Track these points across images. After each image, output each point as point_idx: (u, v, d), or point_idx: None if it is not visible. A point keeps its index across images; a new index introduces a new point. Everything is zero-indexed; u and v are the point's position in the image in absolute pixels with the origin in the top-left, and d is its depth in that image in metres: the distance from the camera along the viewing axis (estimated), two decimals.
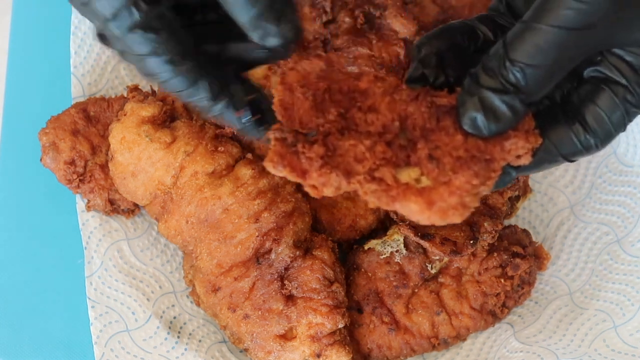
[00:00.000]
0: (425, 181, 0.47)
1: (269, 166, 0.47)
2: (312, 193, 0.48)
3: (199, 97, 0.49)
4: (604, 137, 0.49)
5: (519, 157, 0.49)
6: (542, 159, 0.50)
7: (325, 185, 0.47)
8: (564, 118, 0.50)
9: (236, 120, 0.51)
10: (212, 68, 0.49)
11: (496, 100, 0.46)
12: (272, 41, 0.48)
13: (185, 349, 0.71)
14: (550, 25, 0.44)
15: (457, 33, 0.52)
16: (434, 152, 0.48)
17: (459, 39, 0.51)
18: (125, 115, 0.67)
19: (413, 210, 0.47)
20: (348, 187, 0.47)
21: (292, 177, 0.47)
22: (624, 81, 0.48)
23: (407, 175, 0.48)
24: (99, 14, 0.46)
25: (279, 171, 0.47)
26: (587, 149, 0.50)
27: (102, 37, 0.49)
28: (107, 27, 0.46)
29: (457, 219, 0.47)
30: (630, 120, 0.49)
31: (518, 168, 0.50)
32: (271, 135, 0.48)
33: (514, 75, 0.45)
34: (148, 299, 0.72)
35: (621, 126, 0.49)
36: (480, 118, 0.47)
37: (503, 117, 0.47)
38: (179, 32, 0.47)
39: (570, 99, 0.51)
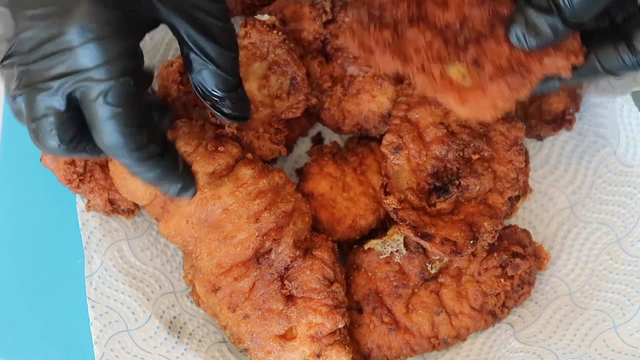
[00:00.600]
0: (467, 80, 0.53)
1: (345, 36, 0.55)
2: (375, 70, 0.61)
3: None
4: None
5: (558, 71, 0.53)
6: (586, 71, 0.55)
7: (384, 66, 0.54)
8: (612, 37, 0.54)
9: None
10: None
11: (539, 19, 0.51)
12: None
13: (185, 349, 0.71)
14: None
15: None
16: (480, 57, 0.54)
17: None
18: None
19: (450, 103, 0.53)
20: (403, 71, 0.54)
21: (360, 53, 0.55)
22: None
23: (455, 70, 0.54)
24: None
25: (351, 45, 0.55)
26: (631, 67, 0.53)
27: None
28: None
29: (487, 118, 0.54)
30: None
31: (561, 78, 0.55)
32: (353, 13, 0.55)
33: None
34: (148, 299, 0.72)
35: None
36: (523, 32, 0.52)
37: (543, 34, 0.52)
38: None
39: (620, 25, 0.54)
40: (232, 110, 0.58)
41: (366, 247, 0.72)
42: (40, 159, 0.73)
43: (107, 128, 0.49)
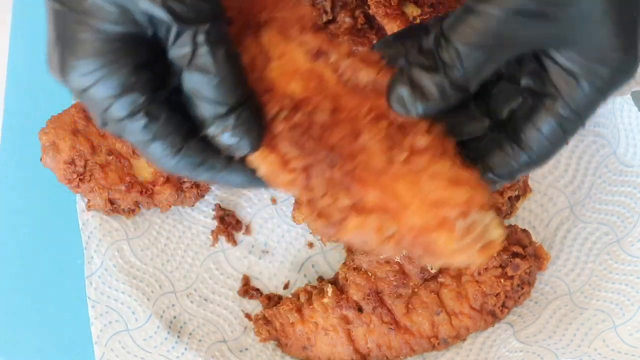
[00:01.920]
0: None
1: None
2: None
3: (204, 177, 0.47)
4: (542, 156, 0.47)
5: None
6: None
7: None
8: (498, 139, 0.48)
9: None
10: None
11: (425, 78, 0.45)
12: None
13: (185, 349, 0.71)
14: (491, 7, 0.43)
15: (414, 33, 0.50)
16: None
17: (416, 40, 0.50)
18: None
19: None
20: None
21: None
22: (557, 94, 0.46)
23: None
24: (99, 99, 0.44)
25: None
26: (525, 166, 0.48)
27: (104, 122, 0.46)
28: (107, 112, 0.44)
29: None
30: (570, 135, 0.47)
31: None
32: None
33: (448, 54, 0.44)
34: (148, 299, 0.72)
35: (560, 142, 0.47)
36: (407, 95, 0.45)
37: (430, 96, 0.45)
38: (177, 113, 0.45)
39: (515, 115, 0.49)
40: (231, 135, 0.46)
41: None
42: (41, 159, 0.73)
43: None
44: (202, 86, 0.43)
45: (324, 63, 0.48)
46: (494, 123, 0.49)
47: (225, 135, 0.44)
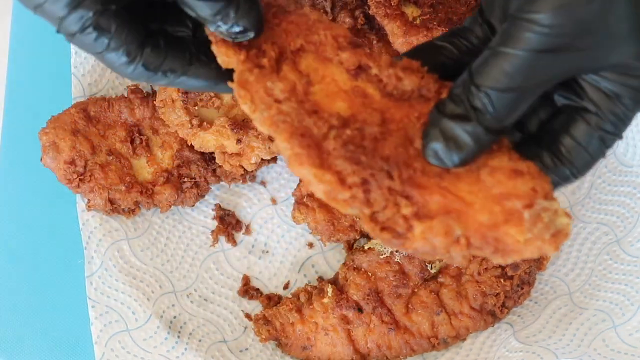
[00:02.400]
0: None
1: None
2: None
3: (164, 82, 0.49)
4: (582, 167, 0.48)
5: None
6: None
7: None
8: (540, 150, 0.49)
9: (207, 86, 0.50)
10: (173, 49, 0.49)
11: (457, 129, 0.45)
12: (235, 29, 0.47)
13: (185, 349, 0.71)
14: (515, 48, 0.43)
15: (438, 50, 0.51)
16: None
17: (442, 57, 0.50)
18: None
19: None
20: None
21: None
22: (596, 109, 0.47)
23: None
24: (52, 16, 0.46)
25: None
26: (564, 180, 0.48)
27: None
28: (61, 27, 0.46)
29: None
30: (609, 147, 0.48)
31: None
32: None
33: (479, 100, 0.44)
34: (148, 299, 0.73)
35: (599, 154, 0.48)
36: (441, 149, 0.45)
37: (465, 147, 0.45)
38: (132, 23, 0.47)
39: (546, 130, 0.49)
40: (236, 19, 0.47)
41: (366, 247, 0.72)
42: (41, 159, 0.73)
43: None
44: None
45: (366, 78, 0.48)
46: (523, 136, 0.50)
47: (228, 27, 0.46)
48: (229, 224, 0.77)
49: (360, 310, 0.71)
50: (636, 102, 0.46)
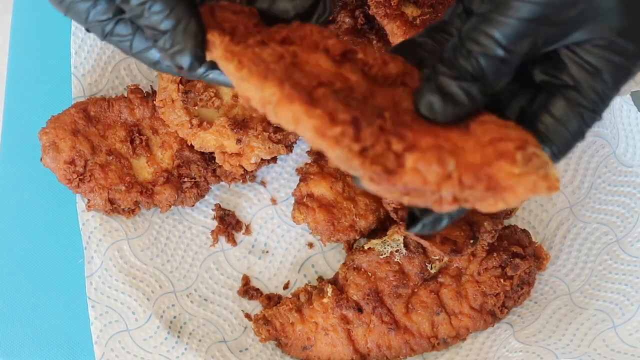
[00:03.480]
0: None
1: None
2: None
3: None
4: (562, 146, 0.48)
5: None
6: None
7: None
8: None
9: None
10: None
11: (454, 86, 0.46)
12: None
13: (185, 349, 0.72)
14: (506, 16, 0.44)
15: (417, 46, 0.52)
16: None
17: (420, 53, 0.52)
18: None
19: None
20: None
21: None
22: (576, 84, 0.47)
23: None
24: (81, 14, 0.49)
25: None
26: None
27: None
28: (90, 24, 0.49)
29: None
30: (589, 127, 0.48)
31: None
32: None
33: (470, 64, 0.46)
34: (148, 299, 0.73)
35: (579, 134, 0.48)
36: (437, 102, 0.46)
37: (460, 102, 0.46)
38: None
39: (525, 112, 0.50)
40: None
41: (366, 247, 0.72)
42: (41, 159, 0.73)
43: None
44: None
45: (350, 67, 0.48)
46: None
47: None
48: (229, 224, 0.77)
49: (360, 310, 0.71)
50: (616, 80, 0.47)
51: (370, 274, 0.72)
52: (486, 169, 0.43)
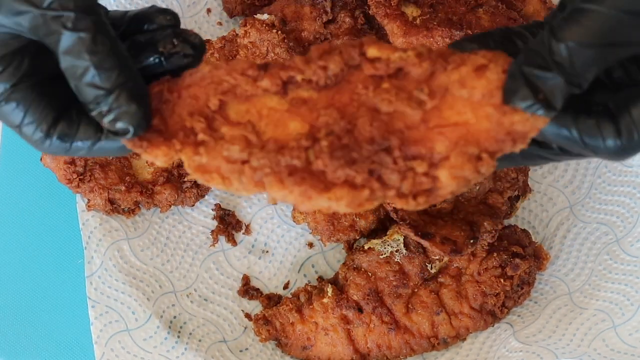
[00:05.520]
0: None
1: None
2: None
3: (80, 154, 0.49)
4: (636, 145, 0.47)
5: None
6: (562, 139, 0.47)
7: None
8: (600, 116, 0.47)
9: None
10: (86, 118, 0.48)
11: (543, 77, 0.44)
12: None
13: (185, 349, 0.72)
14: (601, 5, 0.43)
15: (491, 39, 0.50)
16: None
17: (492, 45, 0.49)
18: None
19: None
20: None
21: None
22: None
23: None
24: None
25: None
26: (614, 151, 0.47)
27: None
28: None
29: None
30: None
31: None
32: None
33: (560, 53, 0.44)
34: (148, 299, 0.73)
35: None
36: (528, 95, 0.44)
37: (550, 95, 0.44)
38: (48, 97, 0.47)
39: (611, 100, 0.48)
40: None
41: (366, 247, 0.72)
42: (41, 159, 0.73)
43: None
44: (75, 69, 0.45)
45: (295, 88, 0.48)
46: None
47: (106, 119, 0.45)
48: (229, 224, 0.77)
49: (360, 310, 0.71)
50: None
51: (370, 274, 0.72)
52: (501, 129, 0.45)
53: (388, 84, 0.47)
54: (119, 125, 0.45)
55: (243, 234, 0.78)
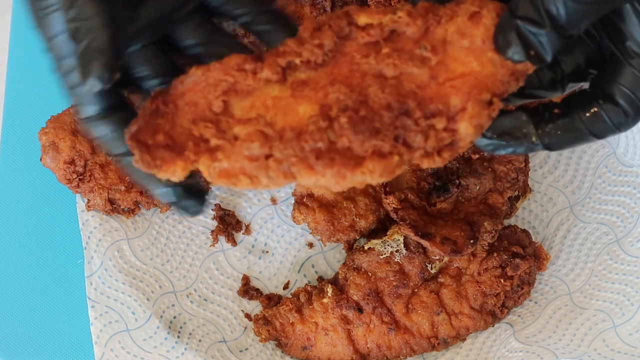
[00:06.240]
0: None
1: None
2: None
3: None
4: (635, 113, 0.48)
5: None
6: (575, 137, 0.50)
7: None
8: (594, 98, 0.49)
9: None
10: None
11: (532, 32, 0.45)
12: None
13: (185, 349, 0.71)
14: None
15: None
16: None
17: None
18: None
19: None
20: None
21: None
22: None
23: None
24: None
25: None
26: (618, 127, 0.49)
27: None
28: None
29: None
30: None
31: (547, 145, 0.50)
32: None
33: (554, 5, 0.44)
34: (148, 299, 0.73)
35: None
36: (518, 45, 0.45)
37: (540, 48, 0.45)
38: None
39: (597, 80, 0.50)
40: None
41: (366, 247, 0.72)
42: (40, 159, 0.73)
43: None
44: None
45: (294, 73, 0.47)
46: (554, 77, 0.51)
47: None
48: (229, 224, 0.77)
49: (360, 310, 0.71)
50: None
51: (370, 274, 0.71)
52: (506, 70, 0.46)
53: (388, 49, 0.47)
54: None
55: (243, 234, 0.78)
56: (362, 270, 0.72)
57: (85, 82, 0.47)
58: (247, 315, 0.75)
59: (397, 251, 0.71)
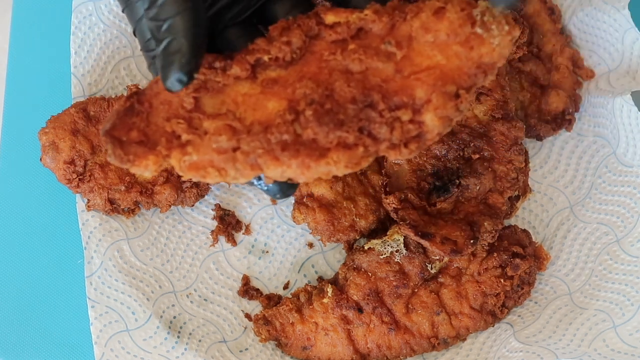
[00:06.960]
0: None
1: None
2: None
3: None
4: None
5: None
6: None
7: None
8: None
9: None
10: None
11: None
12: None
13: (185, 349, 0.72)
14: None
15: None
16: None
17: None
18: None
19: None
20: None
21: None
22: None
23: None
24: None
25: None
26: None
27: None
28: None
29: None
30: None
31: None
32: None
33: None
34: (148, 299, 0.73)
35: None
36: None
37: None
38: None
39: None
40: None
41: (366, 247, 0.72)
42: (40, 159, 0.73)
43: None
44: None
45: (264, 71, 0.49)
46: None
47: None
48: (229, 224, 0.77)
49: (360, 310, 0.71)
50: None
51: (370, 274, 0.71)
52: (472, 63, 0.48)
53: (354, 45, 0.48)
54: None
55: (243, 234, 0.78)
56: (362, 270, 0.72)
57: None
58: (247, 315, 0.75)
59: (397, 251, 0.71)
